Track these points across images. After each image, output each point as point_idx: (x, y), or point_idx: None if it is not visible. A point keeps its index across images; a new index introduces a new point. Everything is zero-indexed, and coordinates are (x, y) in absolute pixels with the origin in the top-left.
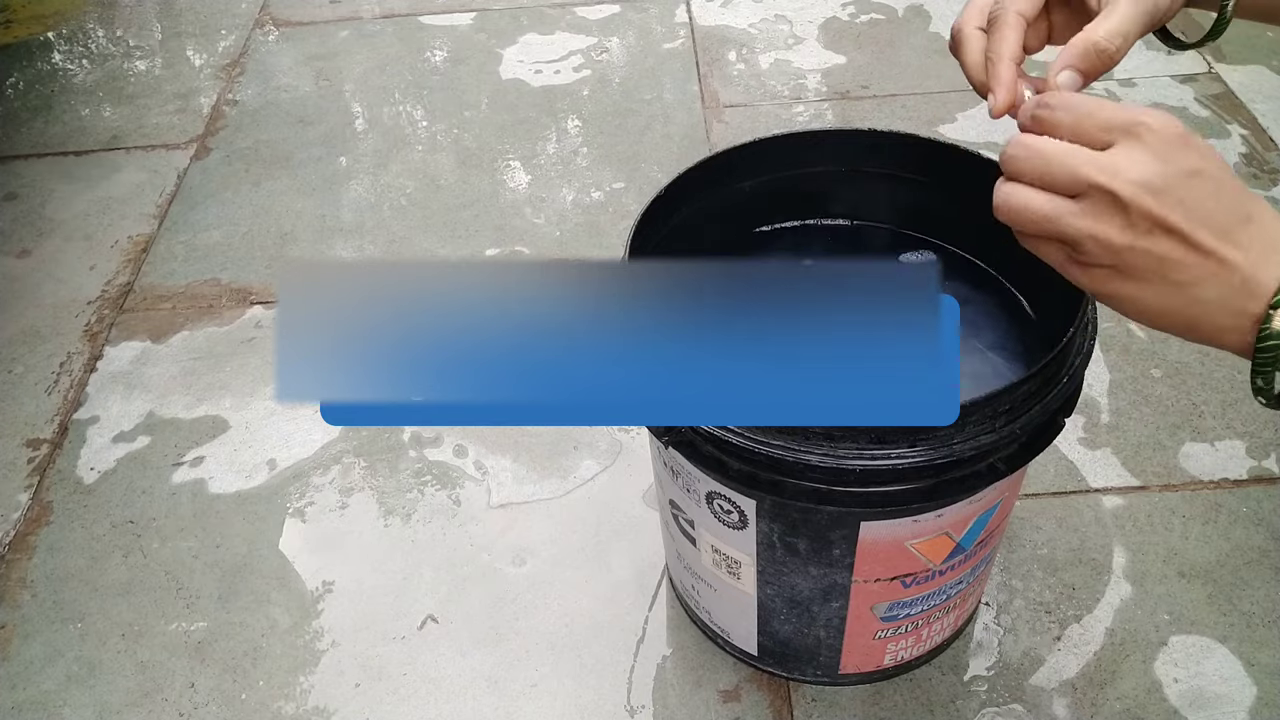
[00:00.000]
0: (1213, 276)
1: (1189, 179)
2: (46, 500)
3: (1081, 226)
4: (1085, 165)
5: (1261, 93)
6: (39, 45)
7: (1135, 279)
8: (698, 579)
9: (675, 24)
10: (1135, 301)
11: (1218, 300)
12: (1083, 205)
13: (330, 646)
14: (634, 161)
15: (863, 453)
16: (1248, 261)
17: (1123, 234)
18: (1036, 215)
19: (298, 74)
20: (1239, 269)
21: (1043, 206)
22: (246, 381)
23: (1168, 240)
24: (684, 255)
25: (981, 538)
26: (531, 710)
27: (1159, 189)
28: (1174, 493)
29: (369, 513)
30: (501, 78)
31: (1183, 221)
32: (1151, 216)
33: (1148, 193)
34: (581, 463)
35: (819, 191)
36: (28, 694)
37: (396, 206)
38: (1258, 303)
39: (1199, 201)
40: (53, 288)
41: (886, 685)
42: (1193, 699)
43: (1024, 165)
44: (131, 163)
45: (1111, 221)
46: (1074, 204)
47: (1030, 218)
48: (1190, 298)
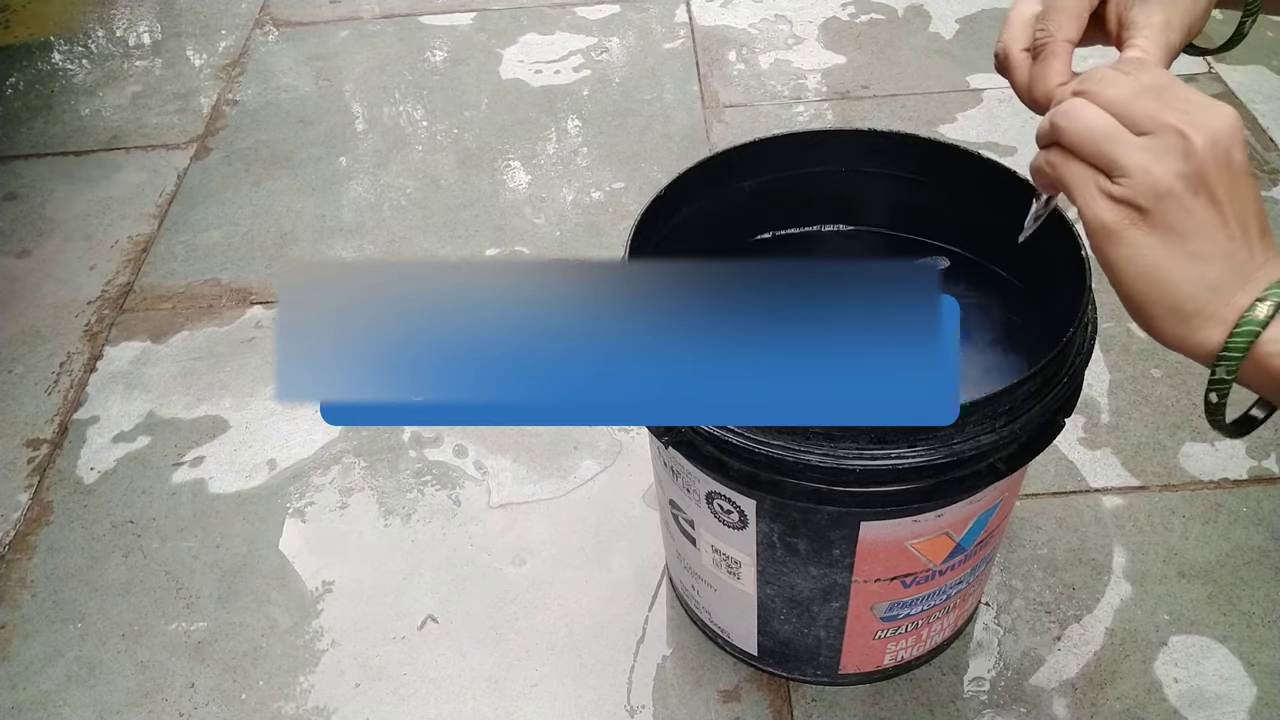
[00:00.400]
0: (1227, 258)
1: (1244, 170)
2: (46, 500)
3: (1139, 159)
4: (1168, 109)
5: (1261, 93)
6: (39, 45)
7: (1159, 232)
8: (698, 579)
9: (675, 24)
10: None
11: (1218, 284)
12: (1148, 141)
13: (330, 646)
14: (634, 161)
15: (863, 453)
16: (1255, 261)
17: (1176, 180)
18: (1098, 131)
19: (298, 74)
20: (1248, 262)
21: (1106, 126)
22: (246, 381)
23: (1210, 207)
24: (684, 255)
25: (981, 538)
26: (531, 710)
27: (1223, 158)
28: (1174, 493)
29: (369, 513)
30: (501, 78)
31: (1228, 196)
32: (1207, 178)
33: (1215, 154)
34: (581, 463)
35: (819, 192)
36: (28, 694)
37: (396, 206)
38: (1247, 295)
39: (1245, 194)
40: (53, 288)
41: (886, 685)
42: (1193, 699)
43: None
44: (131, 163)
45: (1170, 165)
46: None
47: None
48: (1196, 274)
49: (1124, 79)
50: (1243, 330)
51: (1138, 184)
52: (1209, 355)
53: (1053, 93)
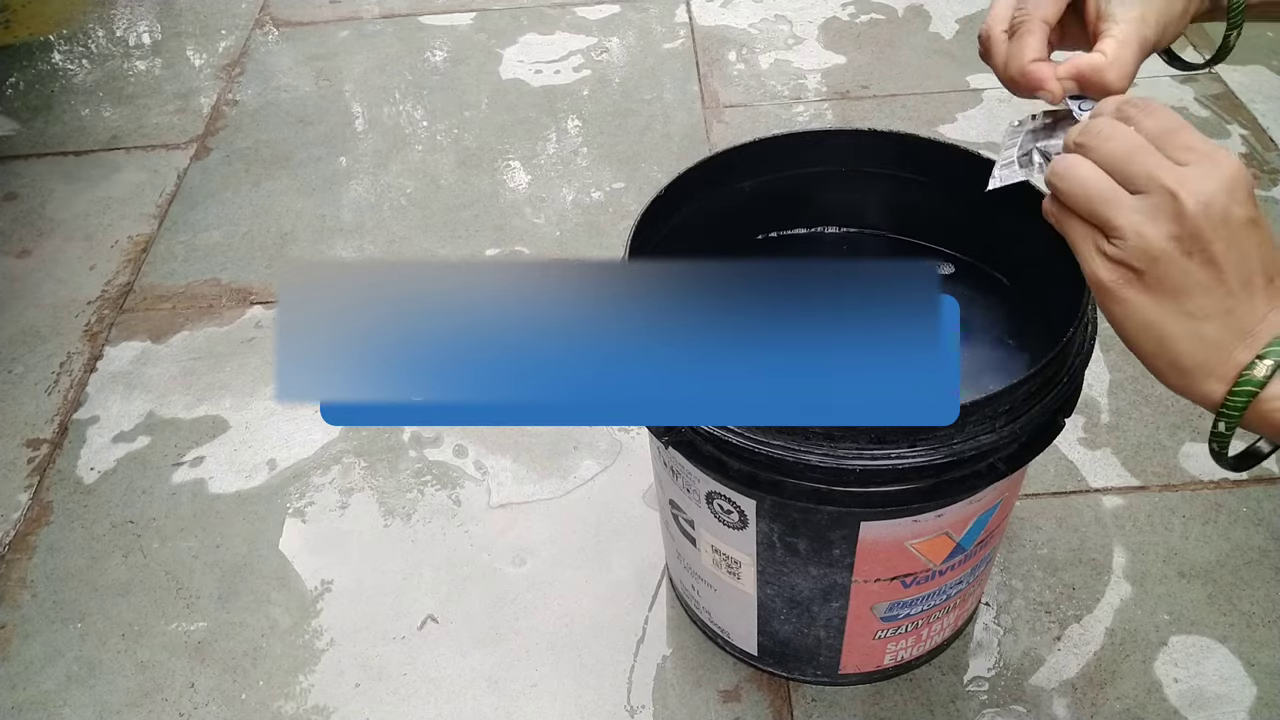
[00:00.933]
0: (1224, 315)
1: (1246, 224)
2: (46, 500)
3: (1133, 221)
4: (1162, 168)
5: (1261, 93)
6: (39, 45)
7: (1152, 292)
8: (698, 579)
9: (675, 24)
10: (1140, 317)
11: (1216, 341)
12: (1142, 202)
13: (330, 646)
14: (634, 161)
15: (863, 453)
16: (1257, 315)
17: (1168, 242)
18: (1094, 193)
19: (298, 74)
20: (1247, 318)
21: (1102, 188)
22: (246, 381)
23: (1204, 268)
24: (684, 255)
25: (981, 538)
26: (531, 710)
27: (1218, 218)
28: (1174, 493)
29: (369, 513)
30: (501, 78)
31: (1224, 255)
32: (1202, 239)
33: (1208, 215)
34: (581, 463)
35: (819, 192)
36: (28, 694)
37: (396, 206)
38: (1247, 352)
39: (1245, 247)
40: (53, 288)
41: (886, 685)
42: (1193, 699)
43: (1104, 145)
44: (131, 163)
45: (1163, 227)
46: (1133, 198)
47: (1086, 193)
48: (1193, 331)
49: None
50: (1241, 390)
51: (1131, 246)
52: (1212, 407)
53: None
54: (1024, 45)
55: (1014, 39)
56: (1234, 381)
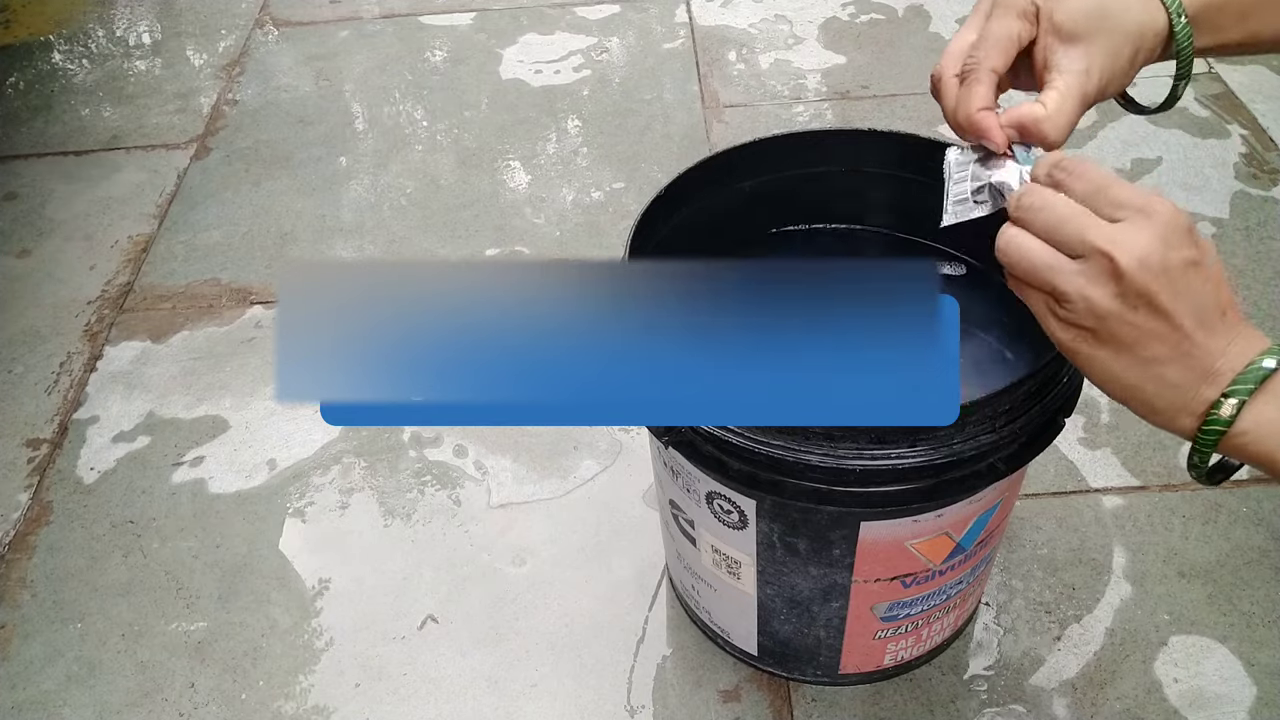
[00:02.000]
0: (1183, 358)
1: (1186, 267)
2: (46, 500)
3: (1076, 285)
4: (1093, 230)
5: (1261, 93)
6: (39, 45)
7: (1109, 346)
8: (698, 579)
9: (675, 24)
10: (1103, 369)
11: (1179, 383)
12: (1081, 266)
13: (330, 646)
14: (634, 161)
15: (863, 453)
16: (1215, 351)
17: (1112, 301)
18: (1037, 264)
19: (298, 74)
20: (1206, 357)
21: (1044, 258)
22: (246, 381)
23: (1152, 318)
24: (684, 255)
25: (981, 538)
26: (531, 710)
27: (1156, 269)
28: (1174, 493)
29: (369, 513)
30: (501, 78)
31: (1170, 303)
32: (1144, 292)
33: (1145, 269)
34: (581, 463)
35: (819, 192)
36: (28, 694)
37: (396, 206)
38: (1213, 389)
39: (1190, 289)
40: (53, 288)
41: (886, 685)
42: (1193, 699)
43: (1036, 216)
44: (131, 163)
45: (1105, 287)
46: (1073, 263)
47: (1030, 265)
48: (1155, 375)
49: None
50: (1210, 430)
51: (1079, 309)
52: (1189, 439)
53: (973, 117)
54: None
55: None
56: (1202, 419)
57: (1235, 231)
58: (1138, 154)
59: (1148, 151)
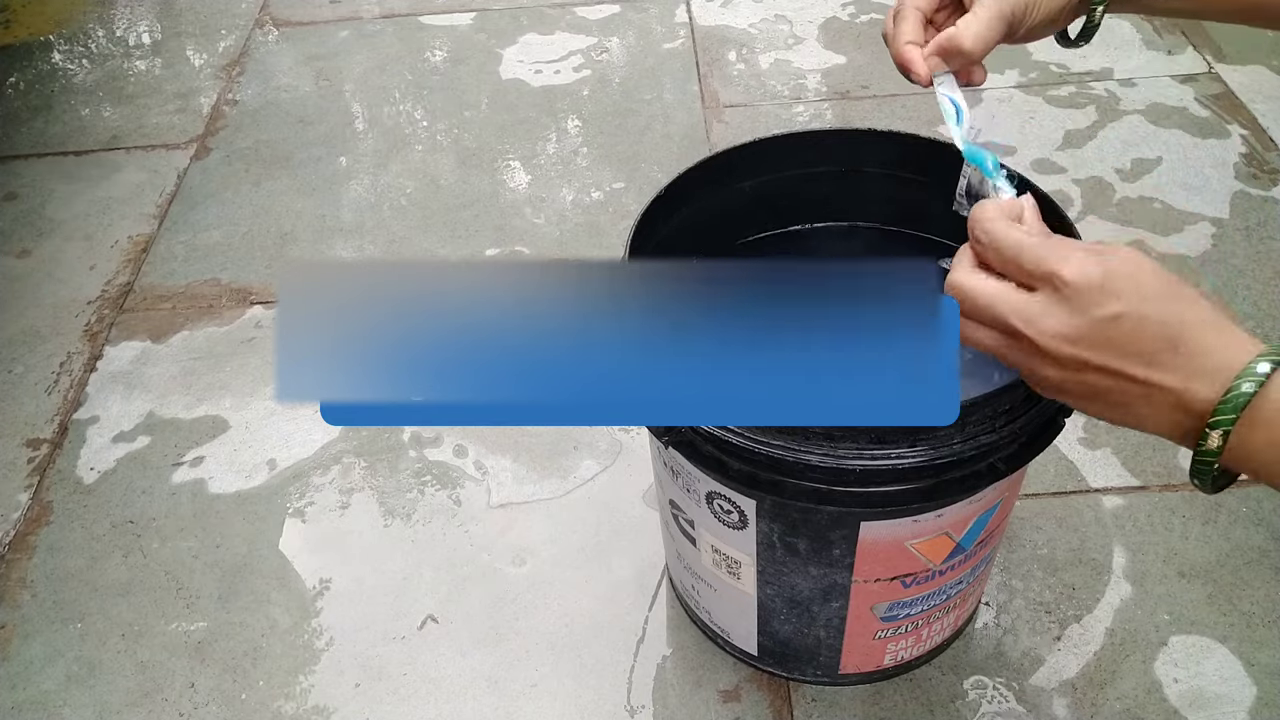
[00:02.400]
0: (1145, 397)
1: (1109, 324)
2: (46, 500)
3: (1021, 361)
4: (1010, 315)
5: (1261, 93)
6: (39, 45)
7: (1077, 399)
8: (698, 579)
9: (675, 24)
10: (1085, 410)
11: (1155, 415)
12: (1018, 343)
13: (330, 646)
14: (634, 161)
15: (863, 453)
16: (1177, 382)
17: (1055, 371)
18: (990, 346)
19: (298, 74)
20: (1170, 390)
21: (985, 339)
22: (246, 381)
23: (1097, 375)
24: (684, 255)
25: (981, 538)
26: (531, 710)
27: (1075, 339)
28: (1174, 493)
29: (369, 512)
30: (501, 78)
31: (1108, 360)
32: (1075, 360)
33: (1066, 343)
34: (581, 463)
35: (819, 192)
36: (28, 694)
37: (396, 206)
38: (1192, 418)
39: (1123, 340)
40: (53, 288)
41: (886, 685)
42: (1193, 699)
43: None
44: (131, 163)
45: (1043, 361)
46: (1010, 340)
47: (987, 348)
48: (1129, 412)
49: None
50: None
51: (1036, 381)
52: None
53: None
54: (898, 31)
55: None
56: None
57: (1235, 231)
58: (1138, 154)
59: (1148, 152)
